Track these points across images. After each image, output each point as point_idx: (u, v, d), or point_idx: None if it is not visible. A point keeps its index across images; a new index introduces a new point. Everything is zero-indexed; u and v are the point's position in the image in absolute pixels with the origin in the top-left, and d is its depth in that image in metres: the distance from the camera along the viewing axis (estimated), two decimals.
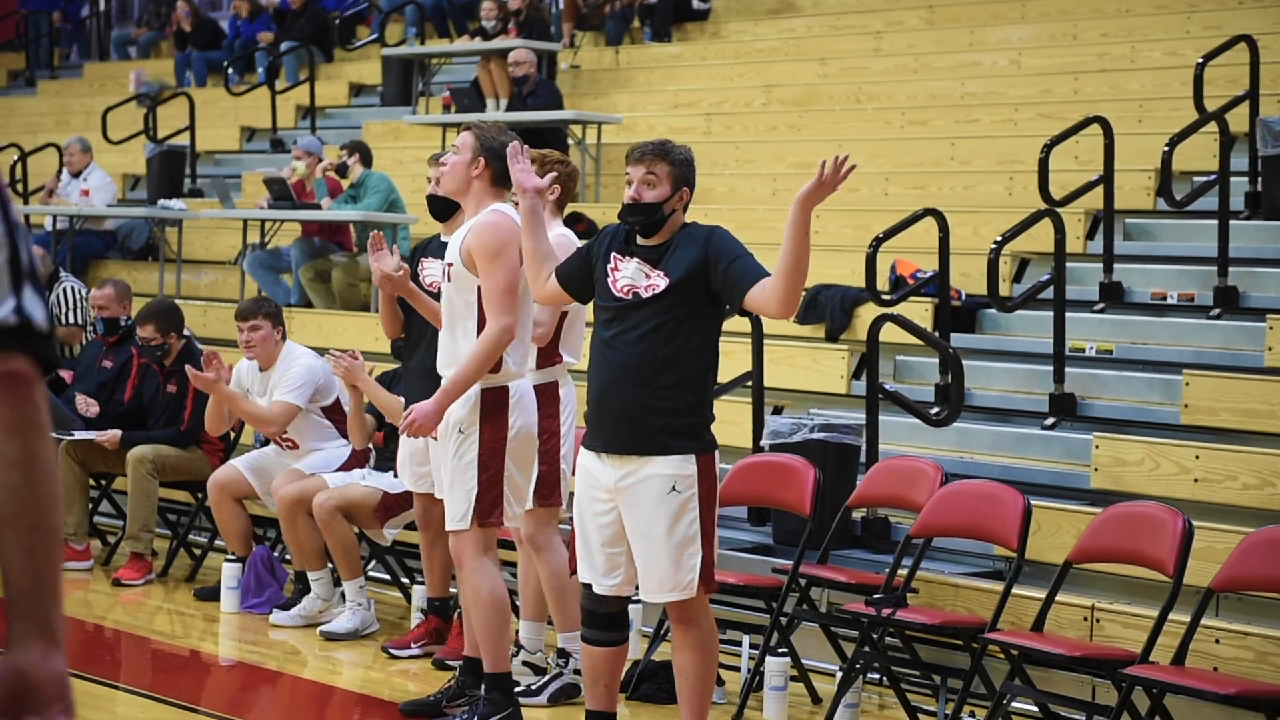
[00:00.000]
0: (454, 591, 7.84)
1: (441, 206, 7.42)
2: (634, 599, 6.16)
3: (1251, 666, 6.46)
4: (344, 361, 7.92)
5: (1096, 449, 8.11)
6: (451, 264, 6.53)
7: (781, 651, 7.05)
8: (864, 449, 8.29)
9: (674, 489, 5.65)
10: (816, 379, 9.62)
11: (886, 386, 8.62)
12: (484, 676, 6.60)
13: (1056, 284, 8.99)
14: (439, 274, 7.36)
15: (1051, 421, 8.83)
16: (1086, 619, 6.92)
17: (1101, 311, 9.65)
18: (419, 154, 14.23)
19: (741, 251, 5.67)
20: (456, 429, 6.48)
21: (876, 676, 7.36)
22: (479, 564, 6.53)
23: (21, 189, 15.73)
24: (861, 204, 11.53)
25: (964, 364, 8.51)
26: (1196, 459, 7.77)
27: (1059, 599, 6.74)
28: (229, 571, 8.73)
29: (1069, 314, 9.03)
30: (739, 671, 7.40)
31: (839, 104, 13.57)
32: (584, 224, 11.62)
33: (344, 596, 8.39)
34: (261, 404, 8.78)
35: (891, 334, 8.65)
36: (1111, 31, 13.04)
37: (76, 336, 11.60)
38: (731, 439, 8.47)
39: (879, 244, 9.01)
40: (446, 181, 6.63)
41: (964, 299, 9.83)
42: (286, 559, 9.06)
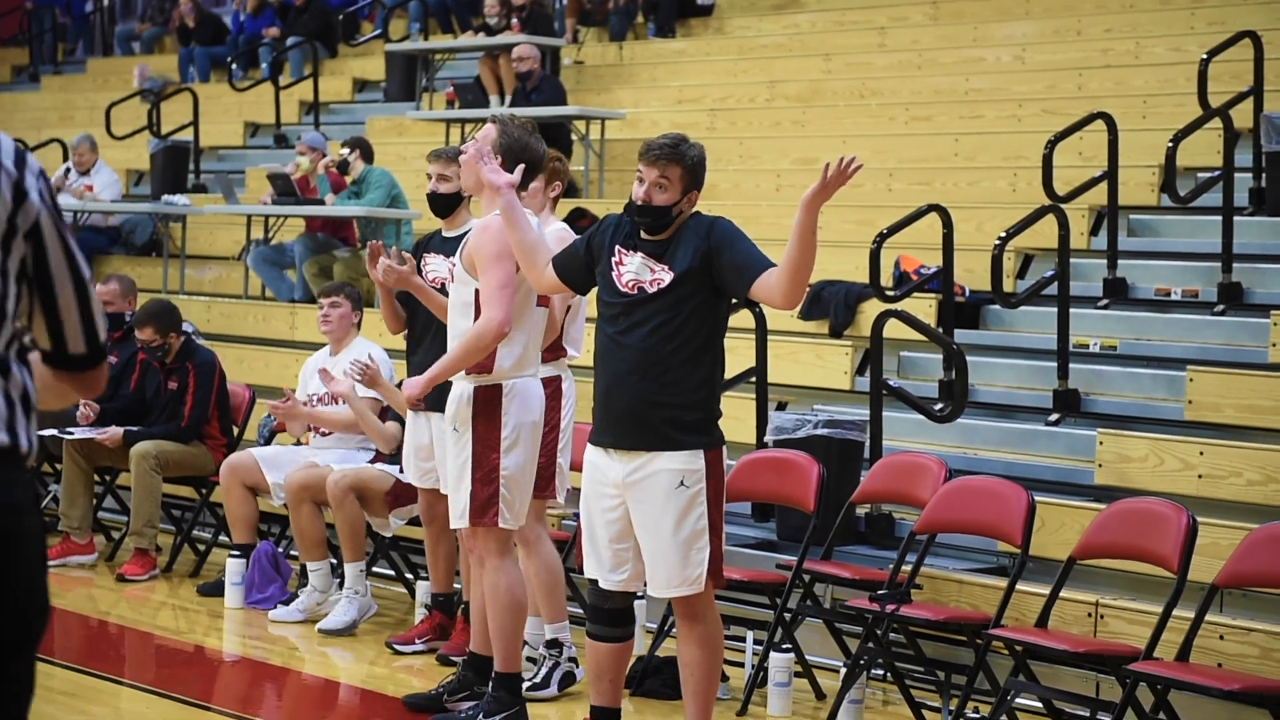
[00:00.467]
0: (458, 587, 7.85)
1: (443, 203, 7.45)
2: (639, 595, 6.16)
3: (1256, 662, 6.46)
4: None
5: (1100, 445, 8.10)
6: (454, 264, 6.55)
7: (785, 647, 7.06)
8: (868, 445, 8.29)
9: (682, 484, 5.65)
10: (820, 375, 9.61)
11: (890, 382, 8.62)
12: (494, 675, 6.61)
13: (1060, 280, 8.98)
14: (442, 270, 7.39)
15: (1055, 417, 8.83)
16: (1091, 615, 6.92)
17: (1105, 307, 9.65)
18: (422, 149, 14.18)
19: (744, 241, 5.66)
20: (452, 427, 6.50)
21: (880, 672, 7.35)
22: (499, 563, 6.54)
23: None
24: (865, 200, 11.52)
25: (968, 360, 8.51)
26: (1201, 455, 7.77)
27: (1063, 595, 6.74)
28: (233, 567, 8.74)
29: (1073, 310, 9.03)
30: (743, 667, 7.39)
31: (843, 100, 13.56)
32: (587, 219, 11.60)
33: (342, 585, 8.39)
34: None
35: (895, 330, 8.65)
36: (1116, 27, 13.03)
37: None
38: (735, 435, 8.42)
39: (883, 240, 9.01)
40: (465, 176, 6.60)
41: (968, 295, 9.83)
42: (292, 554, 9.06)
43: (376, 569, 9.11)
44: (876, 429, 8.34)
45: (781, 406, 9.10)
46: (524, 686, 6.80)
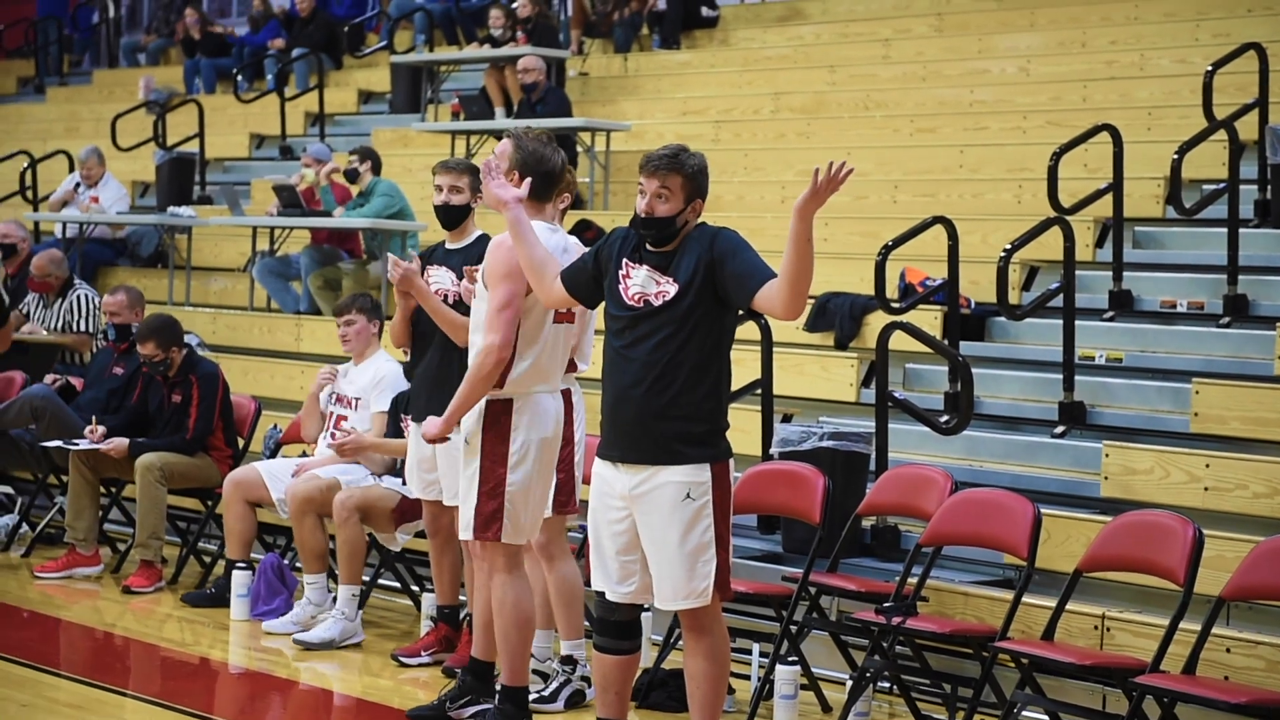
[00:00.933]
0: (463, 599, 7.85)
1: (453, 215, 7.45)
2: (646, 608, 6.16)
3: (1262, 676, 6.45)
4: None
5: (1106, 457, 8.10)
6: (458, 278, 6.55)
7: (791, 660, 7.05)
8: (873, 457, 8.30)
9: (688, 496, 5.65)
10: (826, 387, 9.61)
11: (896, 394, 8.62)
12: (500, 689, 6.62)
13: (1066, 292, 8.98)
14: (445, 282, 7.42)
15: (1061, 430, 8.83)
16: (1097, 628, 6.91)
17: (1111, 320, 9.64)
18: (427, 161, 14.23)
19: (747, 251, 5.64)
20: (464, 440, 6.52)
21: (887, 685, 7.34)
22: (508, 577, 6.55)
23: (31, 196, 15.75)
24: (870, 212, 11.53)
25: (973, 372, 8.51)
26: (1206, 467, 7.76)
27: (1069, 608, 6.74)
28: (239, 579, 8.73)
29: (1078, 322, 9.03)
30: (749, 680, 7.39)
31: (847, 111, 13.57)
32: (593, 231, 11.62)
33: (334, 601, 8.39)
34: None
35: (901, 342, 8.65)
36: (1120, 39, 13.03)
37: (87, 344, 11.61)
38: (741, 447, 8.40)
39: (888, 252, 9.01)
40: (486, 194, 6.58)
41: (973, 307, 9.83)
42: (298, 566, 9.06)
43: (382, 581, 9.11)
44: (882, 441, 8.34)
45: (787, 419, 9.10)
46: (531, 699, 6.81)
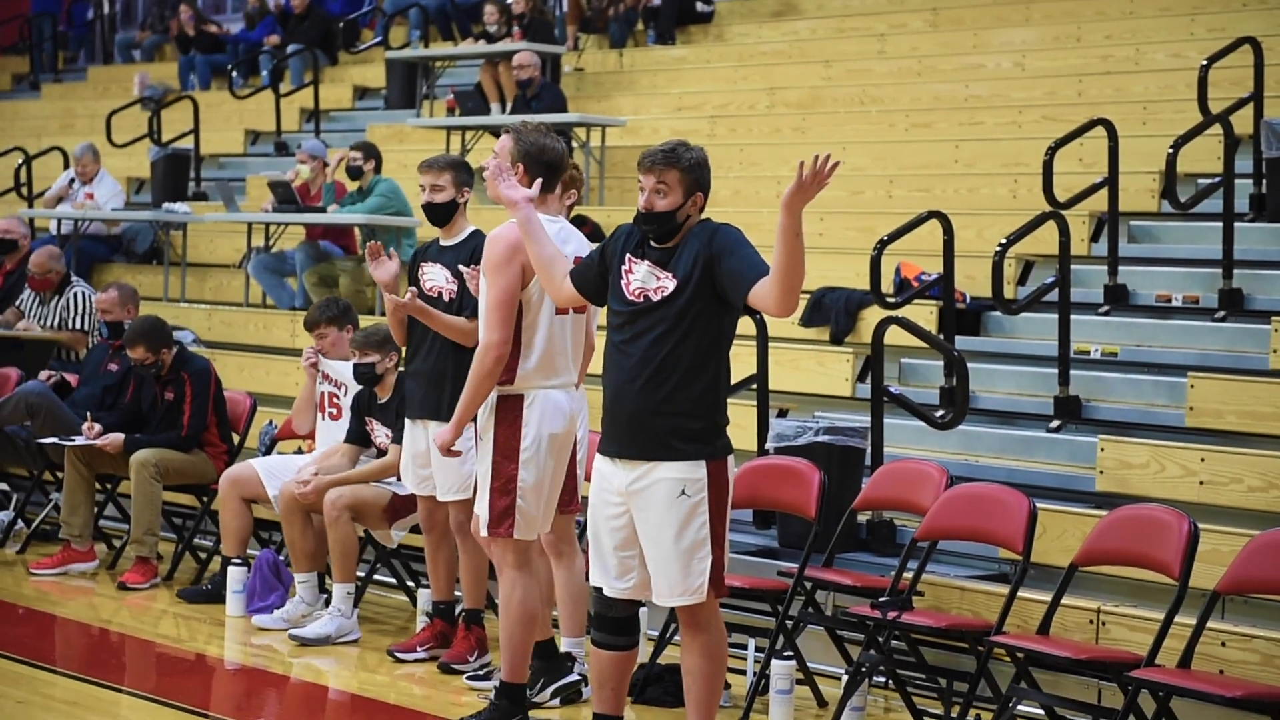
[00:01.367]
0: (458, 595, 7.85)
1: (439, 212, 7.52)
2: (643, 604, 6.15)
3: (1257, 669, 6.46)
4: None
5: (1102, 452, 8.10)
6: (452, 276, 6.57)
7: (787, 655, 7.05)
8: (869, 452, 8.29)
9: (683, 493, 5.64)
10: (821, 382, 9.61)
11: (891, 389, 8.61)
12: (499, 684, 6.65)
13: (1061, 286, 8.98)
14: (439, 279, 7.46)
15: (1056, 424, 8.83)
16: (1092, 622, 6.91)
17: (1106, 314, 9.64)
18: (422, 157, 14.22)
19: (744, 248, 5.61)
20: (478, 435, 6.58)
21: (882, 680, 7.35)
22: (514, 574, 6.58)
23: (26, 192, 15.74)
24: (866, 206, 11.53)
25: (969, 367, 8.50)
26: (1202, 461, 7.77)
27: (1065, 602, 6.74)
28: (234, 575, 8.73)
29: (1074, 316, 9.03)
30: (744, 675, 7.39)
31: (843, 106, 13.56)
32: (589, 226, 11.62)
33: (328, 601, 8.38)
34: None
35: (896, 337, 8.65)
36: (1115, 34, 13.03)
37: (82, 342, 11.60)
38: (736, 442, 8.32)
39: (883, 246, 9.01)
40: (490, 189, 6.58)
41: (969, 301, 9.83)
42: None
43: (378, 577, 9.11)
44: (878, 436, 8.34)
45: (783, 413, 9.10)
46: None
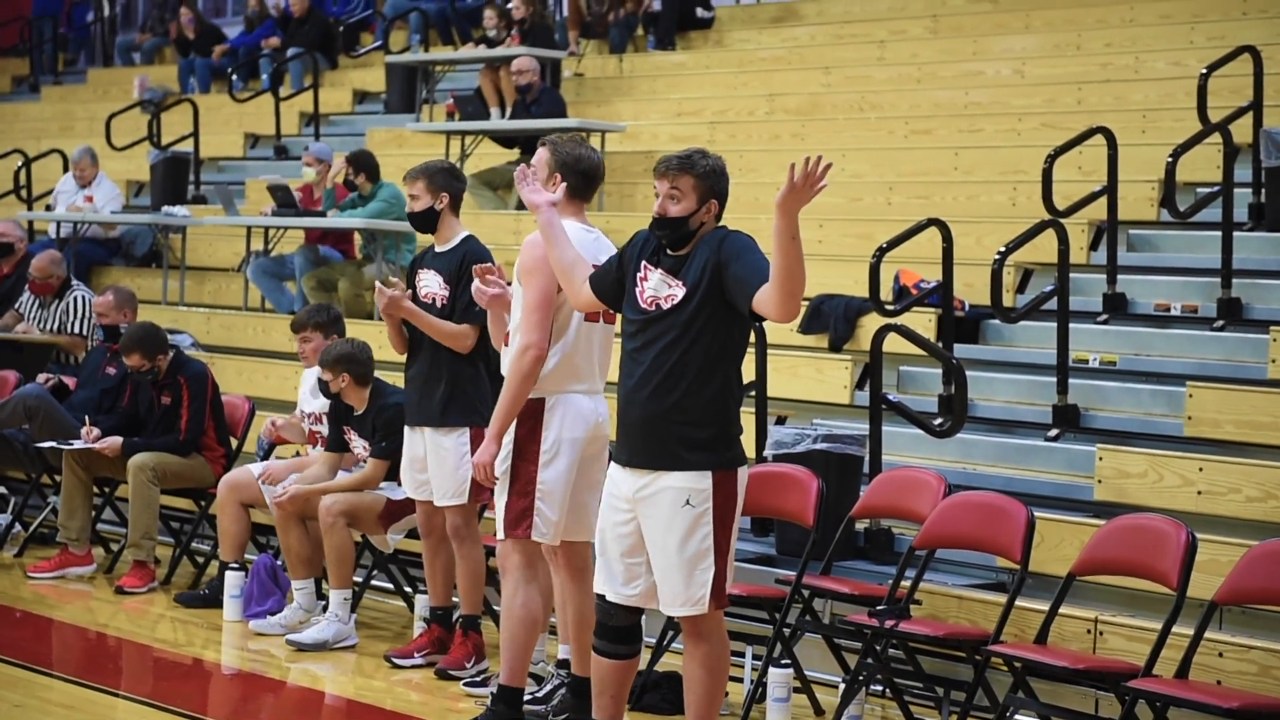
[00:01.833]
0: (456, 601, 7.85)
1: (420, 220, 7.62)
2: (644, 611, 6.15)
3: (1255, 680, 6.45)
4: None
5: (1100, 461, 8.10)
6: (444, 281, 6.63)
7: (784, 663, 7.04)
8: (867, 460, 8.29)
9: (688, 502, 5.63)
10: (820, 389, 9.61)
11: (890, 397, 8.61)
12: (497, 687, 6.66)
13: (1060, 295, 8.98)
14: (434, 285, 7.54)
15: (1055, 433, 8.83)
16: (1090, 631, 6.91)
17: (1105, 323, 9.64)
18: (423, 161, 14.23)
19: (751, 254, 5.57)
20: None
21: (879, 688, 7.35)
22: (518, 577, 6.60)
23: (26, 195, 15.74)
24: (865, 214, 11.53)
25: (967, 375, 8.51)
26: (1200, 471, 7.76)
27: (1062, 611, 6.74)
28: (231, 580, 8.73)
29: (1072, 325, 9.03)
30: (742, 683, 7.38)
31: (842, 113, 13.56)
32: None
33: (326, 607, 8.38)
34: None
35: (895, 344, 8.65)
36: (1115, 42, 13.03)
37: (80, 345, 11.61)
38: None
39: (882, 254, 9.01)
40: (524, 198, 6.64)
41: (967, 309, 9.82)
42: None
43: (375, 582, 9.11)
44: (876, 444, 8.34)
45: (781, 421, 9.10)
46: (525, 699, 6.83)
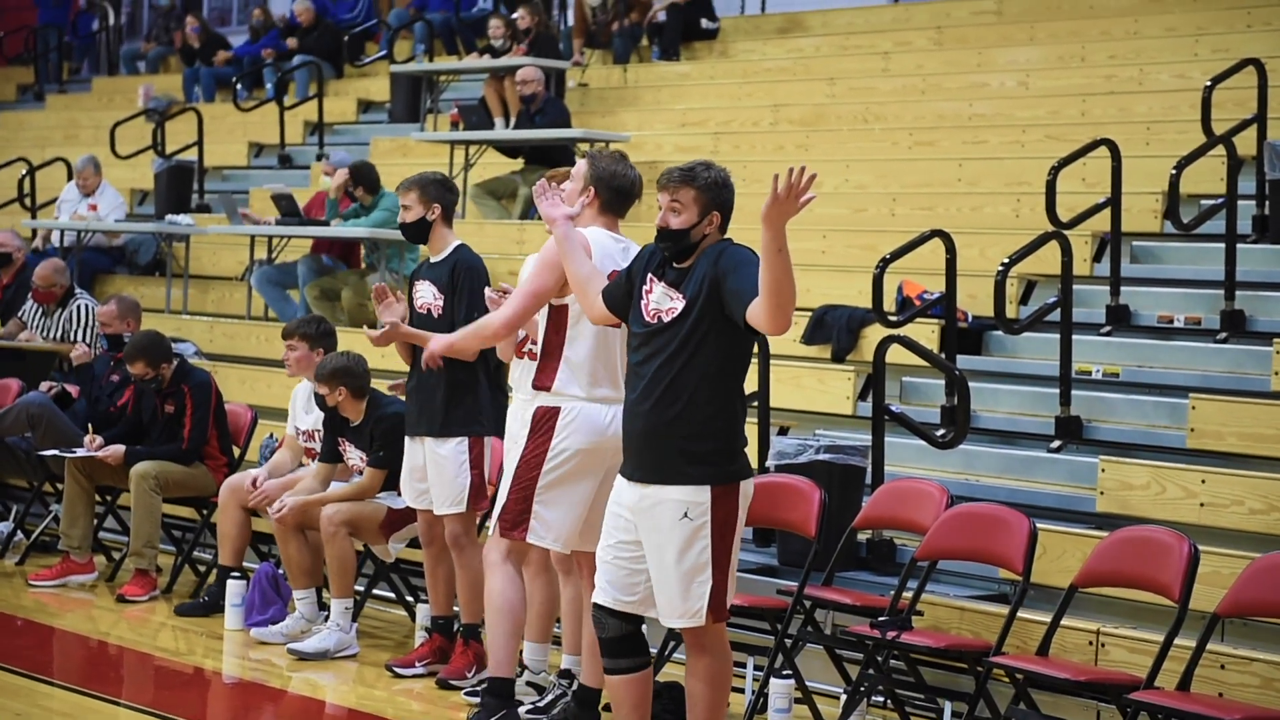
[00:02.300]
0: (457, 610, 7.84)
1: (412, 231, 7.69)
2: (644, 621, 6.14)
3: (1257, 692, 6.44)
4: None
5: (1103, 472, 8.09)
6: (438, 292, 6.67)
7: (786, 673, 7.04)
8: (869, 470, 8.29)
9: (686, 515, 5.62)
10: (822, 400, 9.60)
11: (892, 408, 8.61)
12: (486, 680, 6.68)
13: (1063, 306, 8.98)
14: (428, 296, 7.63)
15: (1057, 444, 8.82)
16: (1092, 643, 6.90)
17: (1108, 334, 9.63)
18: (427, 170, 14.23)
19: (748, 266, 5.54)
20: (514, 441, 6.66)
21: (881, 699, 7.34)
22: (499, 568, 6.70)
23: (30, 203, 15.75)
24: (868, 224, 11.53)
25: (970, 386, 8.50)
26: (1203, 483, 7.75)
27: (1064, 623, 6.73)
28: (233, 589, 8.72)
29: (1075, 336, 9.02)
30: (743, 693, 7.37)
31: (846, 124, 13.56)
32: None
33: (328, 616, 8.37)
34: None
35: (898, 355, 8.64)
36: (1120, 54, 13.03)
37: (87, 354, 11.60)
38: None
39: (886, 265, 9.00)
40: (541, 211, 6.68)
41: (970, 320, 9.82)
42: None
43: (377, 591, 9.10)
44: (878, 454, 8.33)
45: (783, 431, 9.09)
46: (525, 710, 6.83)
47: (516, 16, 15.73)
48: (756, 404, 8.68)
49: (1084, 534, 7.56)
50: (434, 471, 7.52)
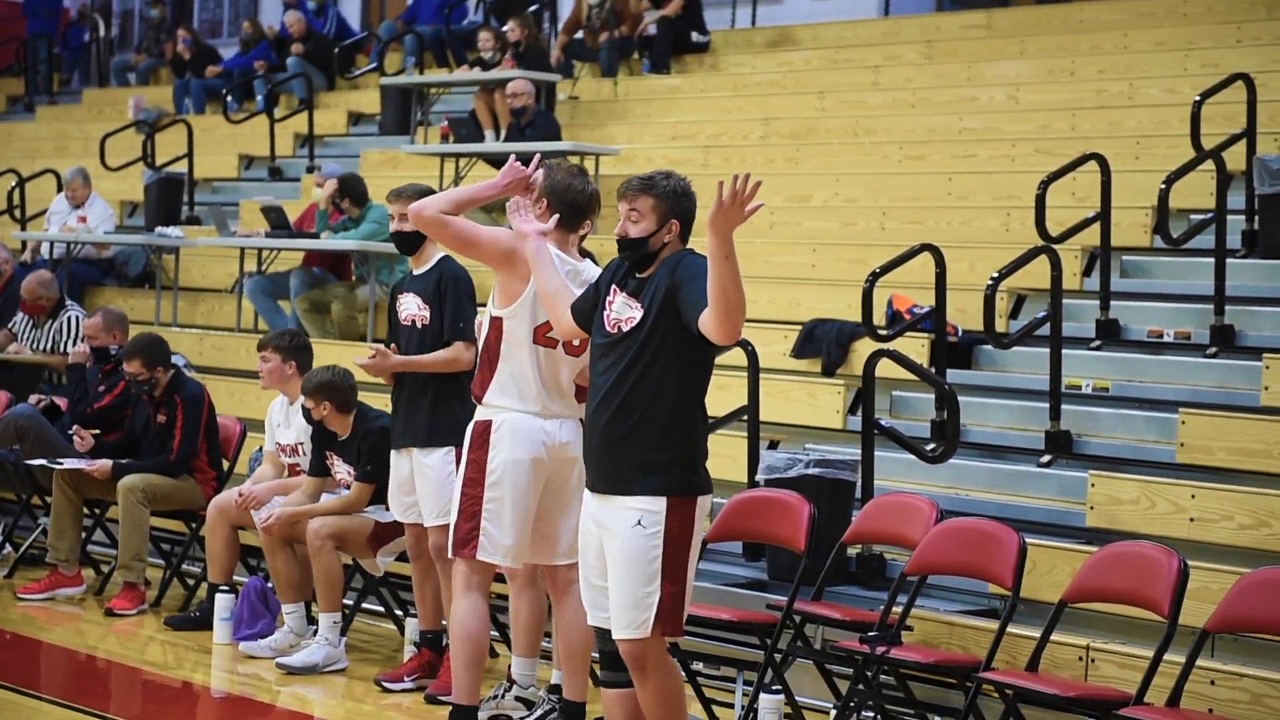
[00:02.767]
0: (445, 624, 7.82)
1: (407, 241, 7.64)
2: None
3: (1246, 709, 6.44)
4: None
5: (1092, 487, 8.09)
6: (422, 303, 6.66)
7: (775, 689, 7.03)
8: (859, 485, 8.28)
9: (639, 524, 5.58)
10: (812, 414, 9.60)
11: (882, 422, 8.61)
12: (452, 708, 6.67)
13: (1053, 321, 8.98)
14: (412, 308, 7.63)
15: (1047, 459, 8.81)
16: (1081, 659, 6.89)
17: (1098, 349, 9.63)
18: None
19: (703, 277, 5.46)
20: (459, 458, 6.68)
21: (871, 715, 7.32)
22: (461, 596, 6.66)
23: (19, 215, 15.73)
24: (858, 238, 11.53)
25: (960, 400, 8.50)
26: (1192, 498, 7.76)
27: (1054, 638, 6.73)
28: (221, 603, 8.70)
29: (1065, 351, 9.03)
30: (733, 709, 7.36)
31: (837, 137, 13.58)
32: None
33: (316, 630, 8.35)
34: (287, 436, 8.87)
35: (888, 369, 8.64)
36: (1110, 68, 13.05)
37: (85, 355, 11.54)
38: (726, 473, 8.44)
39: (876, 279, 9.00)
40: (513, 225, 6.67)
41: (960, 335, 9.82)
42: None
43: (365, 605, 9.08)
44: (868, 469, 8.33)
45: (773, 445, 9.08)
46: None
47: (506, 29, 15.75)
48: (746, 418, 8.68)
49: (1074, 549, 7.56)
50: (421, 483, 7.51)
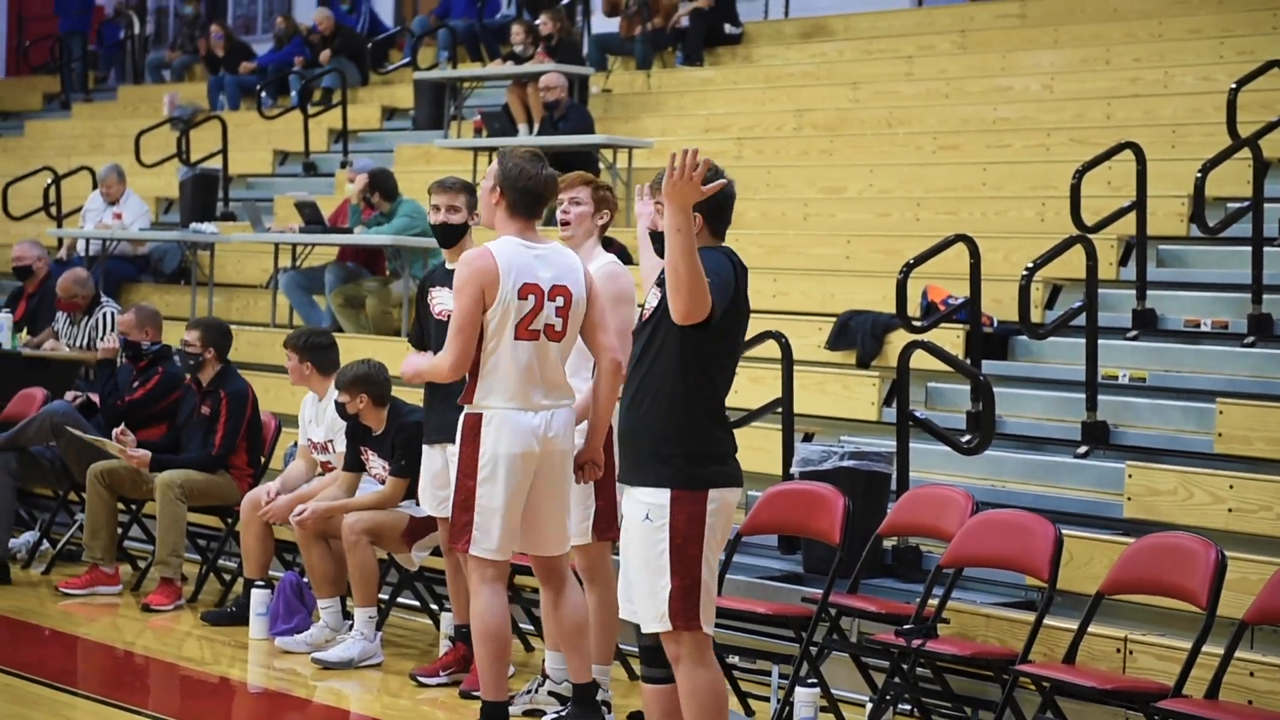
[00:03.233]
0: None
1: (451, 234, 7.57)
2: None
3: None
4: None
5: (1129, 478, 8.05)
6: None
7: (811, 682, 7.01)
8: (894, 477, 8.26)
9: (647, 517, 5.58)
10: (847, 406, 9.57)
11: (917, 414, 8.57)
12: (482, 704, 6.67)
13: (1089, 311, 8.94)
14: (448, 302, 7.51)
15: (1084, 450, 8.78)
16: (1119, 651, 6.86)
17: (1134, 339, 9.59)
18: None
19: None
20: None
21: (907, 707, 7.31)
22: (479, 590, 6.60)
23: (55, 212, 15.79)
24: (893, 229, 11.50)
25: (995, 391, 8.46)
26: (1230, 489, 7.71)
27: (1091, 630, 6.70)
28: (257, 598, 8.72)
29: (1101, 341, 8.98)
30: (768, 702, 7.35)
31: (870, 128, 13.54)
32: (615, 246, 11.60)
33: (352, 625, 8.37)
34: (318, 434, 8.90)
35: (922, 361, 8.61)
36: (1144, 56, 12.98)
37: (113, 350, 11.58)
38: (761, 466, 8.44)
39: (910, 270, 8.96)
40: (484, 214, 6.69)
41: (995, 325, 9.78)
42: None
43: (401, 600, 9.09)
44: (903, 461, 8.30)
45: (808, 438, 9.07)
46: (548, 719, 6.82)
47: (539, 23, 15.75)
48: (780, 410, 8.66)
49: (1110, 540, 7.53)
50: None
